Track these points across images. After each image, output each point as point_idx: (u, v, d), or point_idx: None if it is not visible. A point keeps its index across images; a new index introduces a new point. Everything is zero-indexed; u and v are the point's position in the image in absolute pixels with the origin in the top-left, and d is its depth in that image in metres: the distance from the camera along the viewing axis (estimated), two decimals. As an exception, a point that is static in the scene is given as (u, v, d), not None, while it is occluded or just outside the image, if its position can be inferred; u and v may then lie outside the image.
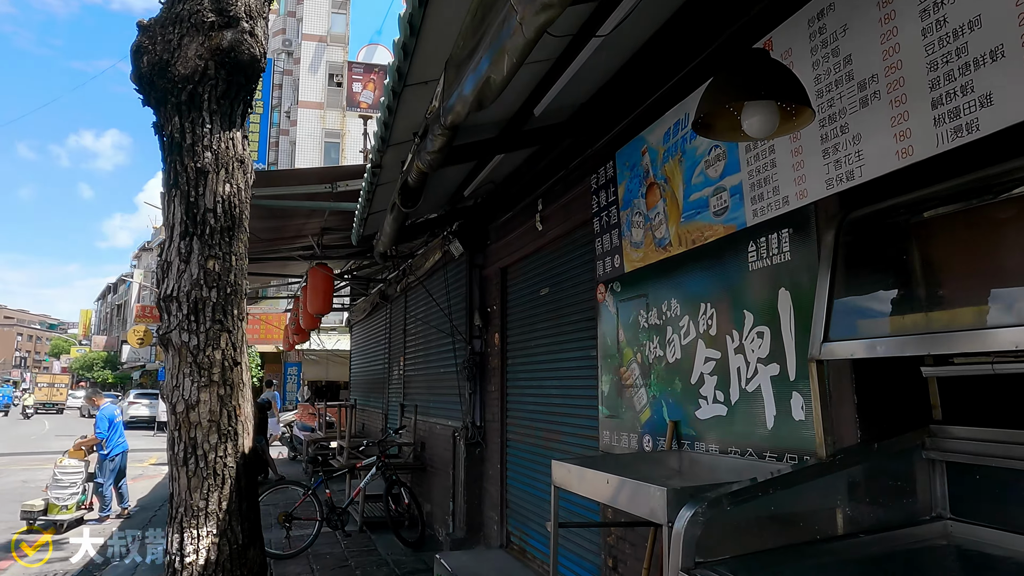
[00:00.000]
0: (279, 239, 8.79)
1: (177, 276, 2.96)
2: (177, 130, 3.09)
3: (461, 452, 6.60)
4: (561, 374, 4.99)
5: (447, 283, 7.40)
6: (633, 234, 3.85)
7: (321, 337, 23.87)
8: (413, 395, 9.07)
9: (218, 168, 3.13)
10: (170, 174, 3.08)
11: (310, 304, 7.26)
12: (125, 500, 9.21)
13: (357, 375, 14.16)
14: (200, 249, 3.00)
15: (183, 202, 3.03)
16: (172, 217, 3.05)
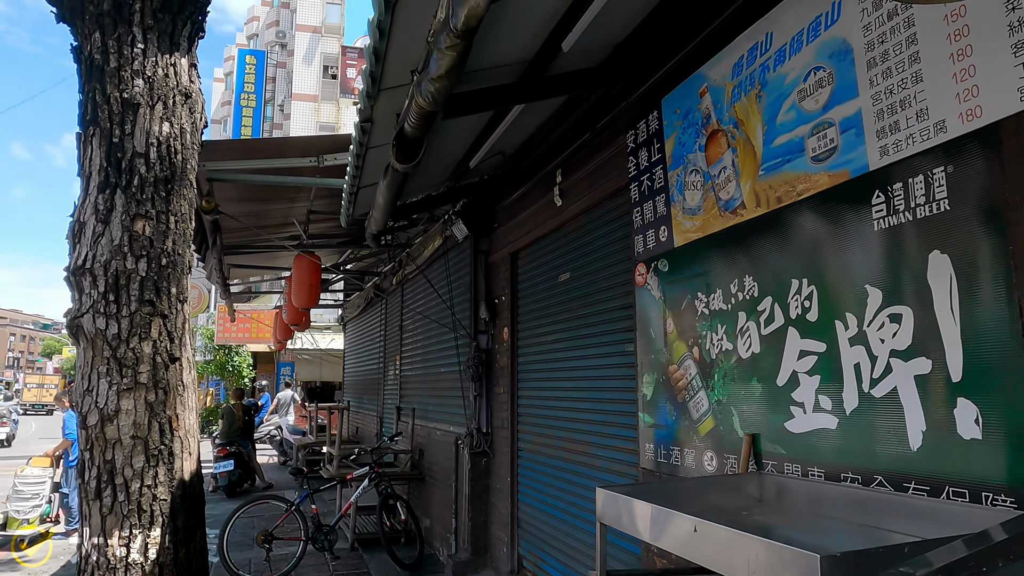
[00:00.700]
0: (264, 227, 7.99)
1: (92, 241, 2.19)
2: (98, 50, 2.32)
3: (465, 462, 5.81)
4: (587, 374, 4.21)
5: (448, 273, 6.62)
6: (687, 198, 3.07)
7: (315, 336, 23.12)
8: (410, 397, 8.28)
9: (153, 101, 2.35)
10: (88, 108, 2.30)
11: (294, 297, 6.47)
12: (95, 512, 8.39)
13: (351, 376, 13.36)
14: (125, 205, 2.23)
15: (103, 144, 2.26)
16: (89, 164, 2.27)
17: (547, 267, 4.92)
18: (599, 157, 4.02)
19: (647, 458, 3.32)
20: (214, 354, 23.00)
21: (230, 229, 7.98)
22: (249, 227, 7.89)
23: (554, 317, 4.75)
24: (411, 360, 8.33)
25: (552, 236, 4.85)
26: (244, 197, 6.53)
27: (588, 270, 4.28)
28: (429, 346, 7.45)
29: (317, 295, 6.37)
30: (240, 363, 22.97)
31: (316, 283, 6.24)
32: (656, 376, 3.27)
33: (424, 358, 7.67)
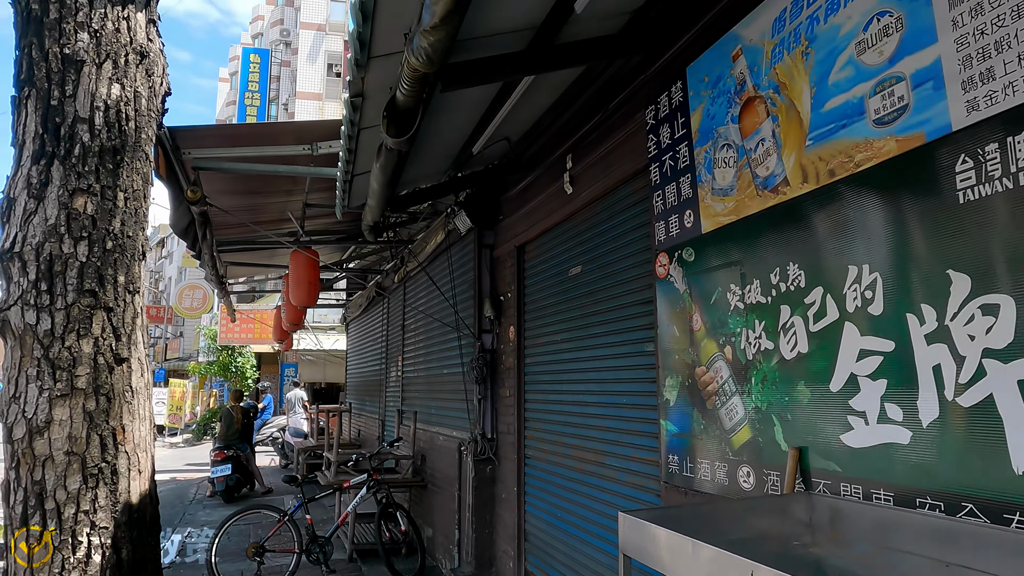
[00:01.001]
0: (260, 222, 7.66)
1: (23, 221, 1.86)
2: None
3: (469, 469, 5.46)
4: (601, 376, 3.85)
5: (451, 269, 6.27)
6: (717, 177, 2.71)
7: (318, 336, 22.82)
8: (412, 400, 7.94)
9: (100, 59, 2.02)
10: (23, 65, 1.96)
11: (292, 295, 6.14)
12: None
13: (353, 377, 13.03)
14: (63, 179, 1.90)
15: (40, 107, 1.92)
16: (23, 131, 1.93)
17: (556, 260, 4.57)
18: (614, 137, 3.66)
19: (670, 471, 2.96)
20: (217, 355, 22.74)
21: (225, 225, 7.67)
22: (245, 223, 7.57)
23: (564, 315, 4.40)
24: (413, 361, 7.99)
25: (562, 227, 4.49)
26: (236, 189, 6.21)
27: (602, 263, 3.92)
28: (431, 346, 7.11)
29: (316, 293, 6.04)
30: (243, 364, 22.70)
31: (315, 280, 5.90)
32: (680, 379, 2.91)
33: (426, 359, 7.33)
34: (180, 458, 17.10)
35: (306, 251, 6.04)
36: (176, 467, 15.02)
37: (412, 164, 4.84)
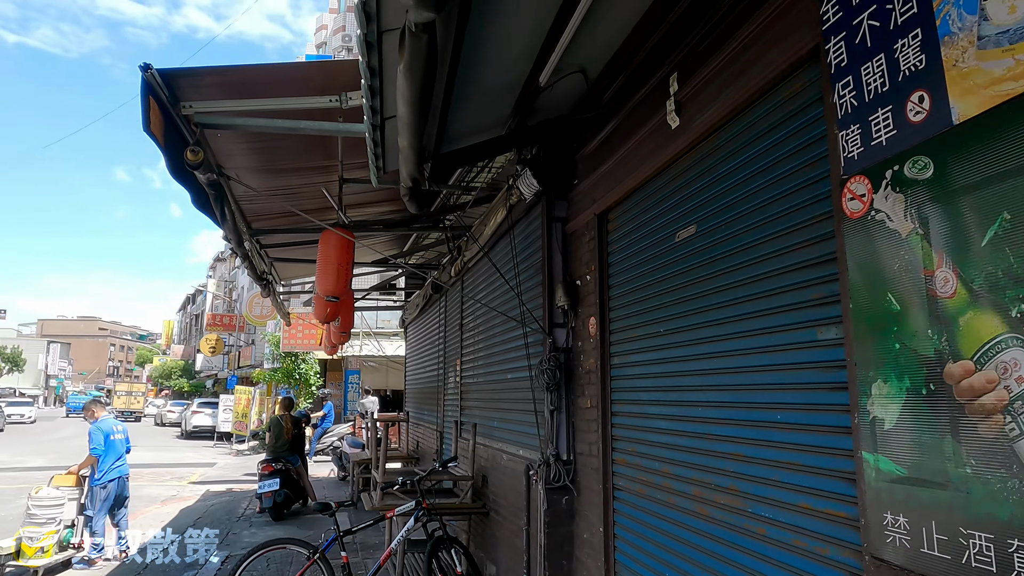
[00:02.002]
0: (306, 211, 6.80)
1: None
2: None
3: (540, 500, 4.32)
4: (735, 381, 2.64)
5: (515, 252, 5.17)
6: (991, 13, 1.49)
7: (381, 342, 22.24)
8: (472, 410, 6.87)
9: None
10: None
11: (317, 282, 5.17)
12: (123, 538, 7.42)
13: (411, 384, 12.13)
14: None
15: None
16: None
17: (655, 224, 3.39)
18: (754, 23, 2.46)
19: (886, 539, 1.73)
20: (281, 361, 22.50)
21: (263, 215, 6.86)
22: (280, 206, 6.73)
23: (669, 296, 3.21)
24: (472, 365, 6.93)
25: (662, 178, 3.31)
26: (262, 166, 5.32)
27: (731, 215, 2.71)
28: (492, 347, 6.02)
29: (346, 279, 5.05)
30: (307, 370, 22.35)
31: (345, 264, 4.92)
32: (910, 384, 1.68)
33: (487, 362, 6.25)
34: (241, 467, 16.70)
35: (338, 230, 5.07)
36: (234, 476, 14.55)
37: (461, 106, 3.78)
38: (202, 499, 11.41)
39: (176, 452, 21.35)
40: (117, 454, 7.38)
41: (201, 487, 12.89)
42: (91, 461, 7.26)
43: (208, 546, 7.65)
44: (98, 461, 7.26)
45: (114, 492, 7.30)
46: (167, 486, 13.08)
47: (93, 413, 7.64)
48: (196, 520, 9.24)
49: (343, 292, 5.01)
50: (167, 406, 39.32)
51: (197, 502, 11.11)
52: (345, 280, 5.07)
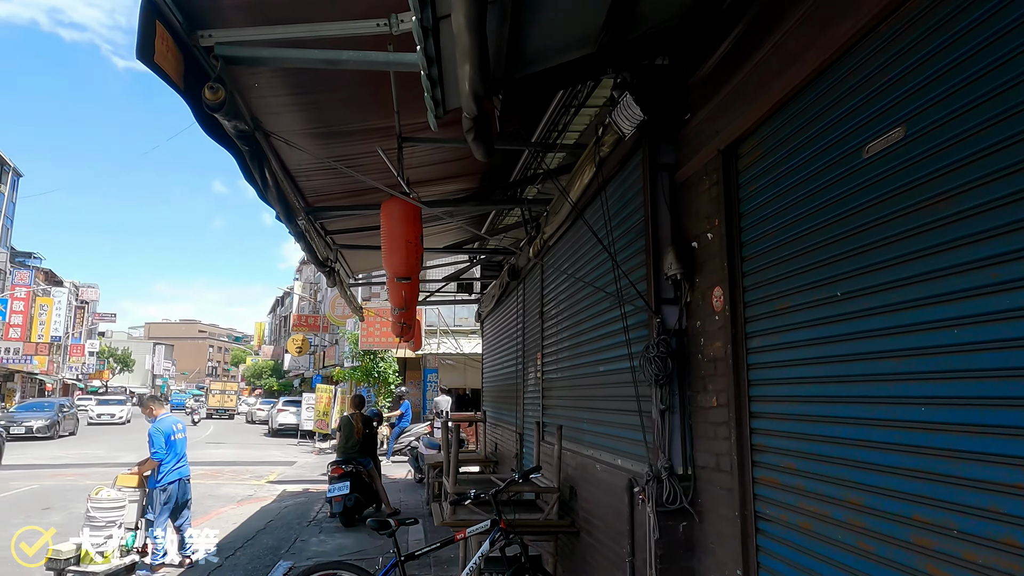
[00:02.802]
0: (356, 191, 6.11)
1: None
2: None
3: (648, 525, 3.34)
4: (982, 363, 1.59)
5: (607, 216, 4.21)
6: None
7: (458, 340, 21.71)
8: (556, 410, 5.95)
9: None
10: None
11: (385, 261, 4.40)
12: (186, 544, 6.97)
13: (488, 382, 11.33)
14: None
15: None
16: None
17: (822, 143, 2.35)
18: None
19: None
20: (360, 360, 22.37)
21: (324, 193, 6.21)
22: (348, 188, 6.07)
23: (850, 244, 2.18)
24: (555, 358, 6.00)
25: (835, 70, 2.28)
26: (311, 127, 4.60)
27: (970, 99, 1.66)
28: (580, 335, 5.08)
29: (416, 256, 4.23)
30: (385, 368, 22.10)
31: (414, 238, 4.11)
32: None
33: (573, 353, 5.31)
34: (320, 465, 16.47)
35: (403, 198, 4.27)
36: (311, 476, 14.26)
37: (538, 10, 2.87)
38: (277, 500, 11.06)
39: (261, 450, 21.59)
40: (178, 455, 6.94)
41: (278, 487, 12.62)
42: (152, 465, 6.85)
43: (271, 553, 7.13)
44: (159, 463, 6.85)
45: (175, 495, 6.86)
46: (245, 485, 12.89)
47: (152, 411, 7.23)
48: (267, 523, 8.80)
49: (414, 270, 4.20)
50: (257, 404, 40.63)
51: (272, 503, 10.75)
52: (416, 256, 4.26)
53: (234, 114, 3.35)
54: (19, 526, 8.01)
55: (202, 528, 7.20)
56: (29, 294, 40.82)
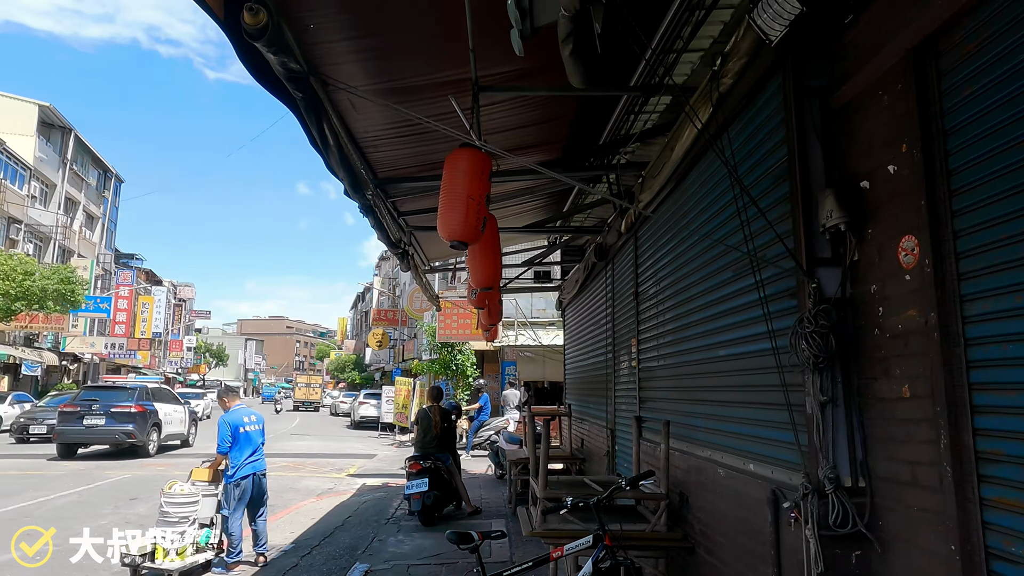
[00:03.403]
0: (426, 158, 5.55)
1: None
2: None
3: (808, 555, 2.56)
4: None
5: (732, 163, 3.40)
6: None
7: (537, 332, 21.10)
8: (657, 403, 5.18)
9: None
10: None
11: (440, 220, 3.71)
12: (262, 540, 6.67)
13: (572, 373, 10.62)
14: None
15: None
16: None
17: None
18: None
19: None
20: (438, 352, 22.15)
21: (394, 167, 5.69)
22: (419, 160, 5.54)
23: None
24: (655, 344, 5.23)
25: None
26: (375, 81, 4.03)
27: None
28: (690, 314, 4.29)
29: (476, 219, 3.54)
30: (463, 361, 21.77)
31: (479, 194, 3.45)
32: None
33: (680, 337, 4.53)
34: (400, 458, 16.25)
35: (470, 146, 3.62)
36: (391, 469, 14.01)
37: None
38: (357, 494, 10.80)
39: (342, 442, 21.78)
40: (251, 447, 6.61)
41: (358, 480, 12.41)
42: (219, 460, 6.56)
43: (348, 554, 6.74)
44: (228, 457, 6.55)
45: (249, 490, 6.54)
46: (325, 478, 12.77)
47: (226, 403, 6.95)
48: (345, 520, 8.47)
49: (472, 233, 3.54)
50: (340, 397, 41.56)
51: (351, 497, 10.49)
52: (475, 218, 3.60)
53: (280, 47, 2.81)
54: (108, 516, 7.98)
55: (280, 524, 6.92)
56: (132, 293, 43.36)
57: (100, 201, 40.85)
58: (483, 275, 4.53)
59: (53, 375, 34.64)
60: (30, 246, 31.37)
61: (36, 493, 10.03)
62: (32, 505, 9.10)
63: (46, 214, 32.96)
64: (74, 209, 36.85)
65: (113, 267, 43.69)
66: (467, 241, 3.69)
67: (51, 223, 33.16)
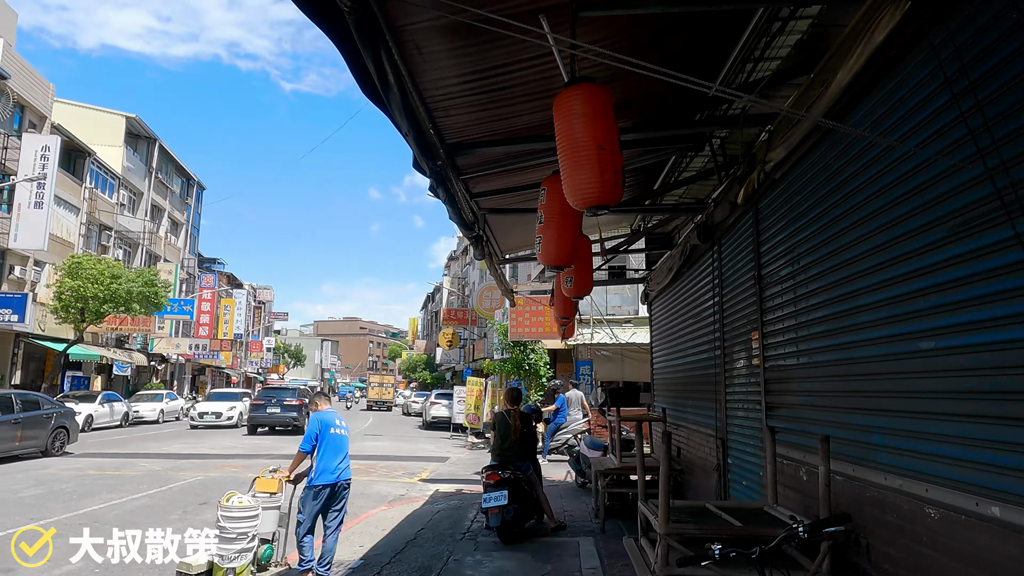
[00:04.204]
0: (506, 126, 4.71)
1: None
2: None
3: None
4: None
5: (963, 62, 2.38)
6: None
7: (613, 330, 20.01)
8: (798, 410, 4.13)
9: None
10: None
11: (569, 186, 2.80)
12: (327, 560, 6.02)
13: (663, 373, 9.55)
14: None
15: None
16: None
17: None
18: None
19: None
20: (510, 351, 21.40)
21: (468, 134, 4.90)
22: (497, 128, 4.76)
23: None
24: (791, 334, 4.19)
25: None
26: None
27: None
28: (860, 292, 3.25)
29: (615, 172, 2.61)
30: (536, 360, 20.94)
31: (609, 141, 2.56)
32: None
33: (836, 324, 3.50)
34: (474, 462, 15.61)
35: (586, 82, 2.73)
36: (465, 475, 13.32)
37: None
38: (429, 501, 10.12)
39: (414, 443, 21.36)
40: (338, 452, 5.93)
41: (430, 486, 11.76)
42: (300, 458, 5.94)
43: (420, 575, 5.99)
44: (312, 456, 5.90)
45: (323, 499, 5.87)
46: (397, 483, 12.19)
47: (317, 405, 6.33)
48: (418, 533, 7.76)
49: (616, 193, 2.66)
50: (412, 397, 41.60)
51: (424, 505, 9.81)
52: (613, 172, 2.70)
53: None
54: (175, 523, 7.53)
55: (349, 535, 6.28)
56: (214, 296, 44.92)
57: (183, 208, 42.43)
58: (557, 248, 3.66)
59: (143, 375, 36.14)
60: (120, 252, 32.77)
61: (109, 496, 9.85)
62: (102, 509, 8.88)
63: (134, 221, 34.39)
64: (160, 216, 38.37)
65: (196, 271, 45.36)
66: (609, 203, 2.81)
67: (139, 229, 34.58)
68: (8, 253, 23.96)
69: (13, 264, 24.35)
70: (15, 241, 22.90)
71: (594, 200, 2.73)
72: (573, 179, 2.85)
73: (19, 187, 22.73)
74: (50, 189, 23.24)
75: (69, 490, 10.36)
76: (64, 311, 22.58)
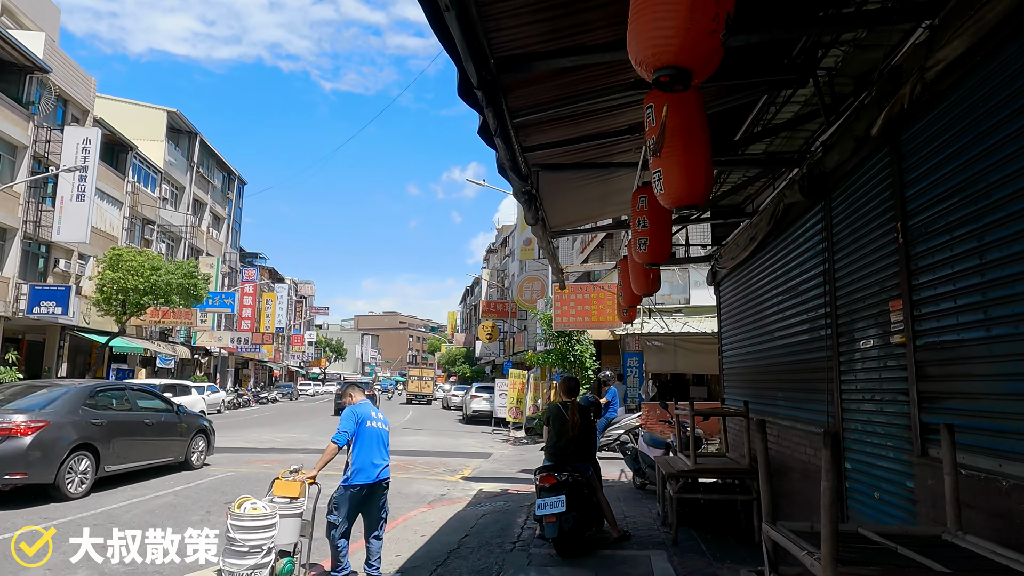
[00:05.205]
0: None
1: None
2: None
3: None
4: None
5: None
6: None
7: (664, 320, 18.77)
8: (983, 402, 3.00)
9: None
10: None
11: (635, 39, 1.80)
12: (375, 558, 5.16)
13: (738, 360, 8.37)
14: None
15: None
16: None
17: None
18: None
19: None
20: (554, 342, 20.36)
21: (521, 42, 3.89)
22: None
23: None
24: (974, 297, 3.06)
25: None
26: None
27: None
28: None
29: (705, 10, 1.65)
30: (582, 351, 19.85)
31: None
32: None
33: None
34: (518, 459, 14.66)
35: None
36: (510, 472, 12.37)
37: None
38: (473, 503, 9.20)
39: (455, 437, 20.54)
40: (376, 447, 5.14)
41: (474, 485, 10.85)
42: (331, 451, 5.09)
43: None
44: (348, 451, 5.11)
45: (366, 499, 5.05)
46: (437, 482, 11.31)
47: (352, 397, 5.49)
48: (461, 540, 6.83)
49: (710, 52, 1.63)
50: (452, 391, 40.98)
51: (467, 507, 8.90)
52: (705, 11, 1.67)
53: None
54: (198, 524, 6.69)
55: (386, 541, 5.42)
56: (256, 289, 45.10)
57: (225, 203, 42.55)
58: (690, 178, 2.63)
59: (187, 368, 36.30)
60: (163, 246, 32.84)
61: (133, 492, 9.20)
62: (123, 507, 8.21)
63: (176, 215, 34.47)
64: (201, 210, 38.47)
65: (238, 265, 45.56)
66: (693, 67, 1.77)
67: (181, 223, 34.64)
68: (53, 247, 24.01)
69: (58, 257, 24.41)
70: (58, 234, 22.90)
71: (671, 59, 1.69)
72: (646, 25, 1.81)
73: (62, 180, 22.70)
74: (91, 181, 23.15)
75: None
76: (106, 303, 22.46)
